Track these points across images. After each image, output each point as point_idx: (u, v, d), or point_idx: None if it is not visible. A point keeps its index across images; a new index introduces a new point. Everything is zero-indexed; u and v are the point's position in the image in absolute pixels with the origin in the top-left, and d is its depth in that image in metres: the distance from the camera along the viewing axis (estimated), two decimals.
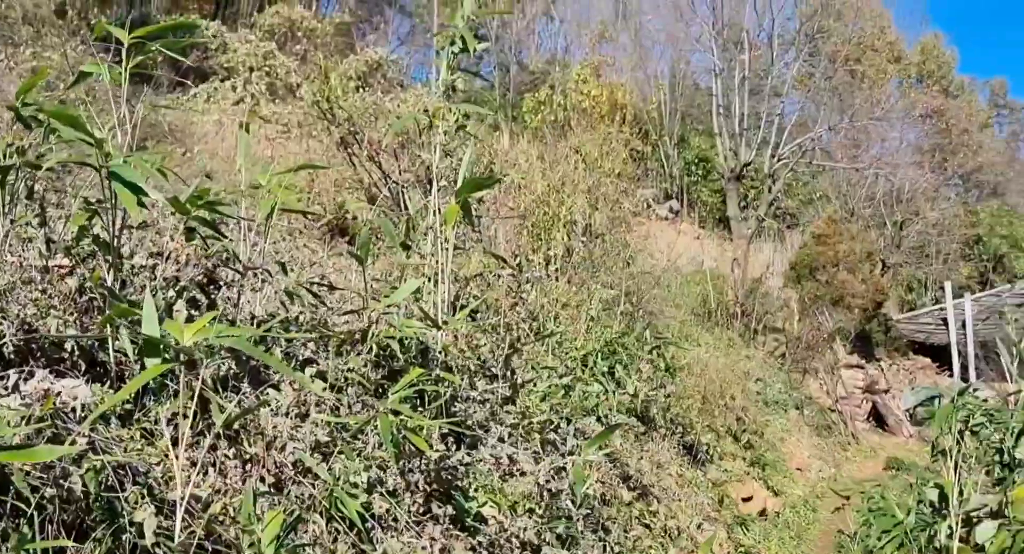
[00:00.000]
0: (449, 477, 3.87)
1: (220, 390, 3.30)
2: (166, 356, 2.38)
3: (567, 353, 8.03)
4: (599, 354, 8.39)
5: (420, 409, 4.12)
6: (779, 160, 23.57)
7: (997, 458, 6.66)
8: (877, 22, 39.72)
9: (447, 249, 5.02)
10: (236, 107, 22.67)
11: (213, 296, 3.79)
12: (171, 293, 3.54)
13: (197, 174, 15.28)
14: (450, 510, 3.69)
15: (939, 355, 27.19)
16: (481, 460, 4.32)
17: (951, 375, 24.85)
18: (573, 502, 4.64)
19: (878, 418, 22.39)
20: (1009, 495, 5.31)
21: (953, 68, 48.34)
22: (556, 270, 11.06)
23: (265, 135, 20.26)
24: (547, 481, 4.46)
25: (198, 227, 3.56)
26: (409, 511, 3.49)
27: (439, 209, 5.11)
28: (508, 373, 5.40)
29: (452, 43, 5.84)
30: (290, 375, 2.57)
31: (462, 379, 4.86)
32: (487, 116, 29.94)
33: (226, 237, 3.75)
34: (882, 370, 24.92)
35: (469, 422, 4.55)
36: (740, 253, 22.33)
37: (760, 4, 23.65)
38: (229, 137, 18.95)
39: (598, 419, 6.94)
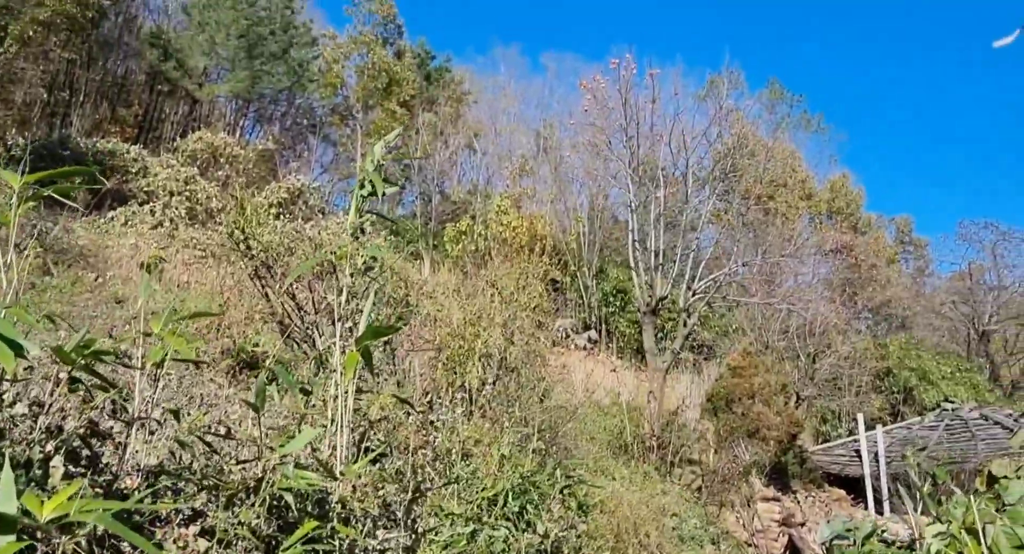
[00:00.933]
0: None
1: (95, 550, 3.16)
2: (22, 536, 2.27)
3: (477, 493, 7.90)
4: (510, 494, 8.26)
5: None
6: (695, 294, 23.96)
7: None
8: (789, 161, 41.34)
9: (347, 395, 4.95)
10: (154, 231, 22.55)
11: (96, 449, 3.66)
12: (50, 446, 3.42)
13: (107, 300, 15.04)
14: None
15: (854, 487, 27.38)
16: None
17: (866, 507, 24.98)
18: None
19: (795, 552, 22.31)
20: None
21: (861, 205, 50.27)
22: (470, 405, 11.00)
23: (183, 260, 20.13)
24: None
25: (83, 376, 3.47)
26: None
27: (339, 356, 5.06)
28: (410, 522, 5.27)
29: (361, 186, 5.89)
30: (150, 550, 2.46)
31: (361, 528, 4.73)
32: (405, 247, 30.17)
33: (114, 386, 3.65)
34: (798, 502, 24.96)
35: None
36: (656, 386, 22.45)
37: (675, 144, 24.38)
38: (155, 259, 18.78)
39: None
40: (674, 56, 63.73)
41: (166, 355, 3.76)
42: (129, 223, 22.81)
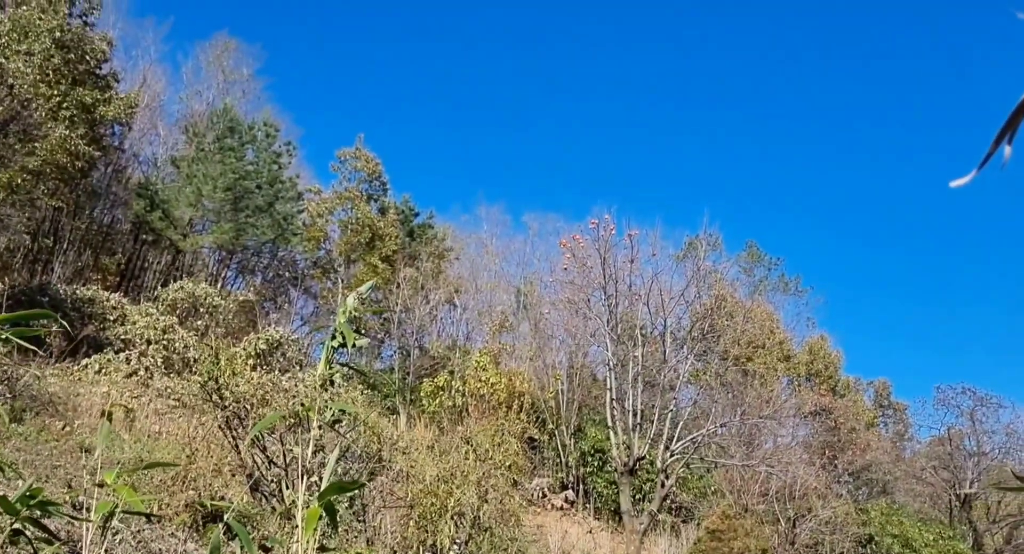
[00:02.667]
0: None
1: None
2: None
3: None
4: None
5: None
6: (673, 454, 23.73)
7: None
8: (767, 323, 41.68)
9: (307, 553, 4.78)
10: (128, 379, 22.35)
11: None
12: None
13: (73, 449, 14.74)
14: None
15: None
16: None
17: None
18: None
19: None
20: None
21: (840, 368, 50.41)
22: None
23: (155, 409, 19.87)
24: None
25: (28, 529, 3.34)
26: None
27: (301, 512, 4.92)
28: None
29: (333, 338, 5.87)
30: None
31: None
32: (382, 401, 29.93)
33: (59, 539, 3.51)
34: None
35: None
36: (633, 548, 21.94)
37: (653, 303, 24.60)
38: (116, 410, 18.50)
39: None
40: (653, 216, 64.95)
41: (116, 507, 3.64)
42: (103, 371, 22.63)
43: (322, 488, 4.53)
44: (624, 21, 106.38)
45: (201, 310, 28.29)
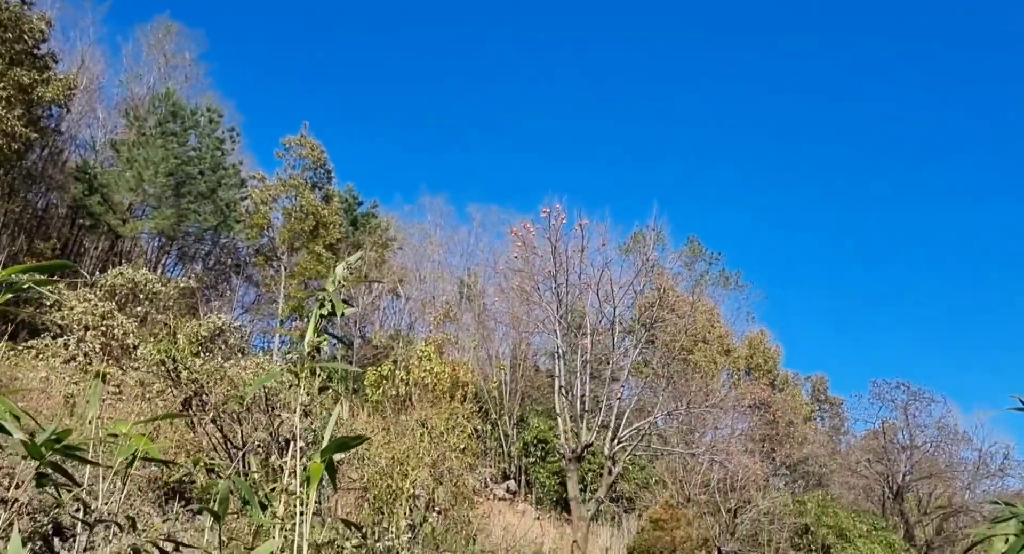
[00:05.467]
0: None
1: None
2: None
3: None
4: None
5: None
6: (619, 443, 23.93)
7: None
8: (708, 317, 42.19)
9: (306, 510, 4.79)
10: (67, 365, 21.92)
11: (58, 549, 3.49)
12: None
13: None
14: None
15: None
16: None
17: None
18: None
19: None
20: None
21: (779, 363, 51.17)
22: (399, 544, 10.70)
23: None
24: None
25: (51, 474, 3.33)
26: None
27: (298, 469, 4.92)
28: None
29: (321, 306, 5.86)
30: None
31: None
32: (336, 384, 29.71)
33: (80, 485, 3.50)
34: None
35: None
36: (580, 535, 22.10)
37: (603, 293, 24.79)
38: (56, 395, 18.17)
39: None
40: (602, 207, 65.35)
41: (135, 454, 3.64)
42: (41, 356, 22.20)
43: (324, 445, 4.54)
44: (571, 10, 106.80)
45: (141, 296, 27.80)
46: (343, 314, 6.08)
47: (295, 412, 5.45)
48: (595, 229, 26.41)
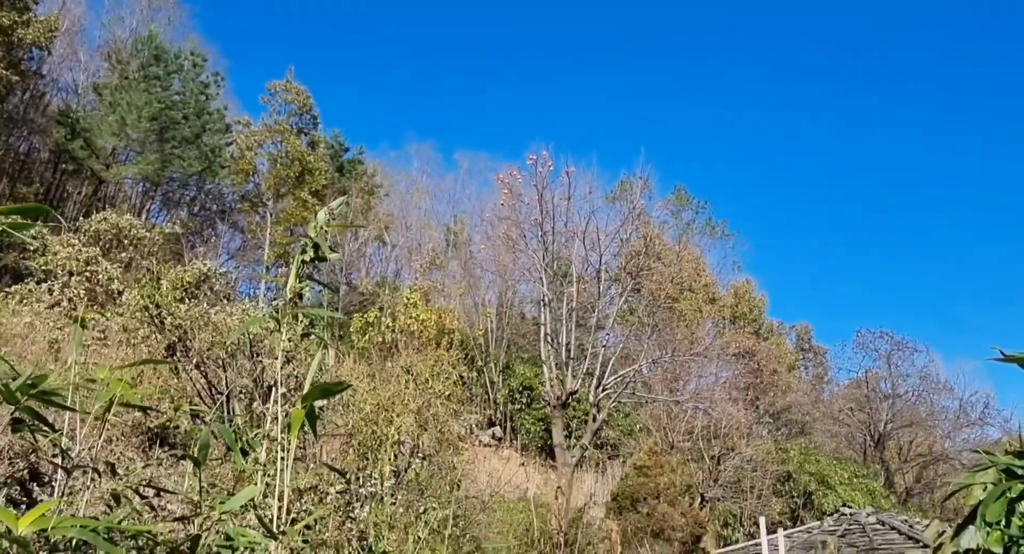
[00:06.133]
0: None
1: None
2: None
3: None
4: None
5: None
6: (603, 390, 24.08)
7: None
8: (694, 265, 42.24)
9: (287, 456, 4.79)
10: (51, 311, 21.80)
11: (35, 495, 3.47)
12: None
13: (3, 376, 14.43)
14: None
15: None
16: None
17: None
18: None
19: None
20: None
21: (764, 312, 51.41)
22: (383, 491, 10.75)
23: (81, 341, 19.44)
24: None
25: (27, 419, 3.29)
26: None
27: (280, 415, 4.91)
28: None
29: (303, 251, 5.81)
30: None
31: None
32: (320, 331, 29.71)
33: (56, 430, 3.47)
34: None
35: None
36: (565, 481, 22.31)
37: (589, 241, 24.77)
38: (40, 340, 18.10)
39: None
40: (589, 154, 65.11)
41: (113, 400, 3.61)
42: (25, 301, 22.08)
43: (305, 391, 4.52)
44: None
45: (125, 242, 27.64)
46: (327, 260, 6.04)
47: (277, 359, 5.43)
48: (582, 177, 26.37)
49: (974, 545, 3.80)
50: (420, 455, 13.28)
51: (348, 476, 9.42)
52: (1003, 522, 3.48)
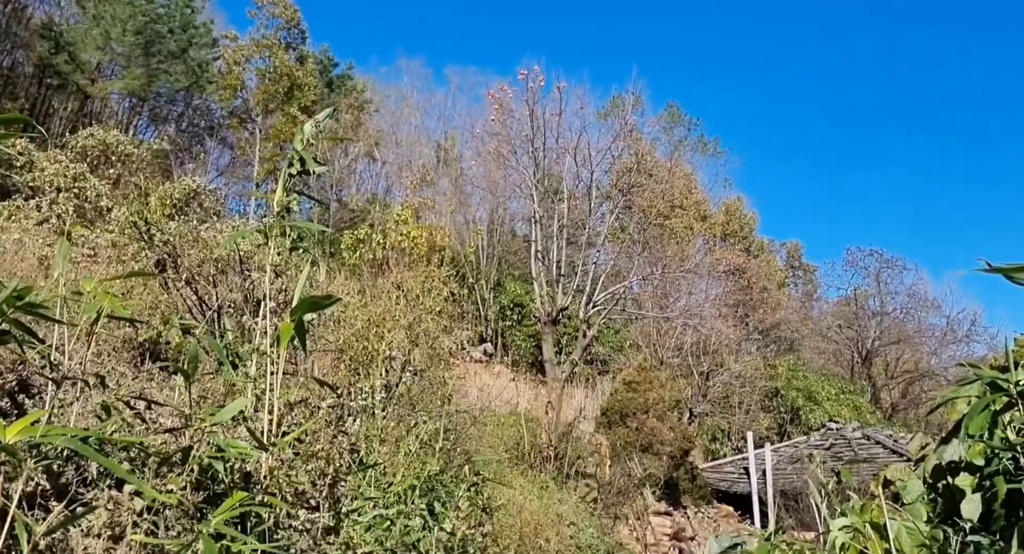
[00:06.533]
0: None
1: (26, 509, 3.00)
2: None
3: (386, 487, 7.79)
4: (418, 490, 8.16)
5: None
6: (594, 306, 24.19)
7: None
8: (685, 183, 42.12)
9: (276, 370, 4.81)
10: (40, 227, 21.69)
11: (24, 406, 3.48)
12: None
13: None
14: None
15: (741, 504, 27.90)
16: None
17: (752, 523, 25.45)
18: None
19: None
20: None
21: (755, 229, 51.41)
22: (374, 405, 10.83)
23: (70, 258, 19.38)
24: None
25: (12, 330, 3.29)
26: None
27: (269, 329, 4.92)
28: (332, 502, 5.16)
29: (290, 165, 5.76)
30: (127, 477, 2.33)
31: (289, 502, 4.59)
32: (310, 246, 29.72)
33: (43, 342, 3.47)
34: (688, 518, 25.31)
35: (292, 551, 4.29)
36: (555, 396, 22.55)
37: (580, 157, 24.64)
38: (30, 257, 18.04)
39: None
40: (580, 70, 64.38)
41: (100, 312, 3.60)
42: (13, 218, 21.96)
43: (294, 304, 4.51)
44: None
45: (113, 158, 27.39)
46: (314, 172, 6.00)
47: (266, 272, 5.43)
48: (573, 92, 26.12)
49: (956, 457, 3.86)
50: (411, 370, 13.36)
51: (339, 390, 9.48)
52: (986, 435, 3.53)
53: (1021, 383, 3.16)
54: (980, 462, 3.70)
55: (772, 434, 32.29)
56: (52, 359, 3.69)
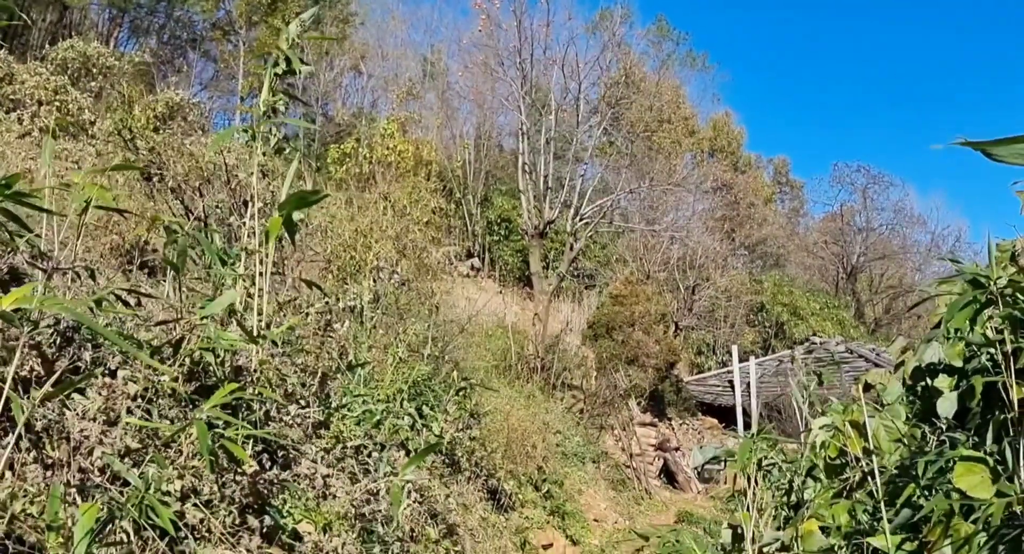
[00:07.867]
0: (265, 491, 3.69)
1: (21, 392, 3.05)
2: None
3: (375, 390, 7.90)
4: (406, 394, 8.29)
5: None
6: (581, 219, 24.21)
7: (785, 499, 6.89)
8: (673, 98, 41.79)
9: (265, 269, 4.85)
10: (21, 141, 21.48)
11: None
12: None
13: None
14: (267, 520, 3.51)
15: (725, 416, 28.36)
16: (297, 477, 4.16)
17: (737, 435, 25.89)
18: (386, 526, 4.52)
19: (669, 475, 23.03)
20: (800, 529, 5.50)
21: (742, 145, 51.19)
22: (363, 308, 10.91)
23: (54, 172, 19.25)
24: (363, 503, 4.33)
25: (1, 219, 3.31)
26: (224, 522, 3.31)
27: (257, 229, 4.95)
28: (323, 397, 5.25)
29: (276, 65, 5.73)
30: (124, 346, 2.37)
31: (275, 400, 4.68)
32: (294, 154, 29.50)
33: (32, 231, 3.50)
34: (673, 429, 25.71)
35: (283, 442, 4.39)
36: (542, 308, 22.70)
37: (568, 69, 24.40)
38: (13, 169, 17.90)
39: (407, 453, 6.84)
40: None
41: (89, 202, 3.62)
42: None
43: (282, 201, 4.54)
44: None
45: (94, 71, 26.98)
46: (299, 72, 5.96)
47: (253, 172, 5.43)
48: (561, 2, 25.78)
49: (936, 359, 3.95)
50: (399, 279, 13.42)
51: (328, 294, 9.55)
52: (968, 331, 3.61)
53: (1002, 281, 3.21)
54: (959, 364, 3.79)
55: (757, 348, 32.65)
56: (42, 249, 3.72)
